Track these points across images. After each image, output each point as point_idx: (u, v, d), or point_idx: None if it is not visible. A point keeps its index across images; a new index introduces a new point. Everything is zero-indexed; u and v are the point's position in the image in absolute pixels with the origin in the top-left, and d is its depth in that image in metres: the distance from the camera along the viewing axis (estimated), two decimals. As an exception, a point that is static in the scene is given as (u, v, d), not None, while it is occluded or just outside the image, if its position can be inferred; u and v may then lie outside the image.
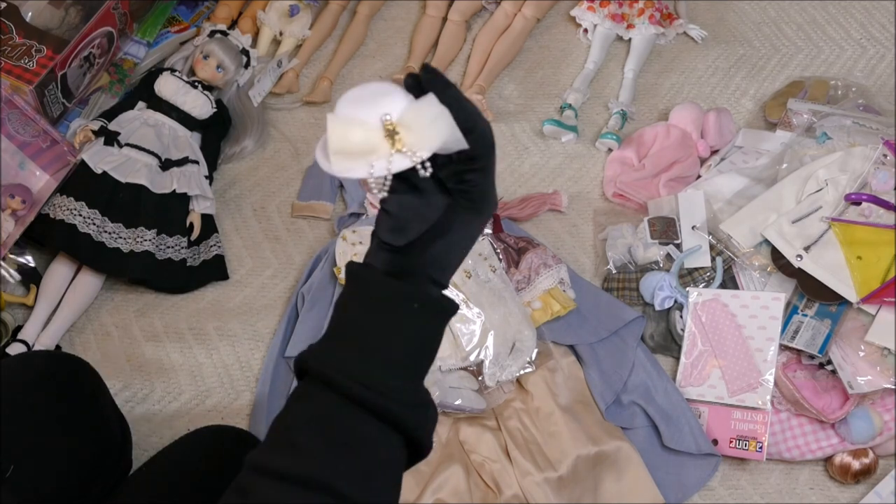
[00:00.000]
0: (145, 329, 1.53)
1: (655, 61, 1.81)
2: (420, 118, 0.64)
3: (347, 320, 0.69)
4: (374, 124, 0.64)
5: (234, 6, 1.85)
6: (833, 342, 1.32)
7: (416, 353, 0.70)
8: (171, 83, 1.63)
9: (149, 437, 1.41)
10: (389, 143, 0.64)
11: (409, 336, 0.68)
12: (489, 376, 1.36)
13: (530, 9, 1.82)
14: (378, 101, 0.65)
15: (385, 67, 1.83)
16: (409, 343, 0.69)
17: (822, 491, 1.35)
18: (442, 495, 1.29)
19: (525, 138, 1.72)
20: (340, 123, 0.64)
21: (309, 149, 1.73)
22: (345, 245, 1.48)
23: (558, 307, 1.43)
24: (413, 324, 0.68)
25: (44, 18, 1.56)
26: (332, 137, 0.64)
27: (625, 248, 1.52)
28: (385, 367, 0.67)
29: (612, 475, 1.31)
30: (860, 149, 1.45)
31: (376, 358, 0.67)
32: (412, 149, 0.64)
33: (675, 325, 1.44)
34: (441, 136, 0.64)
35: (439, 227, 0.68)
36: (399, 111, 0.65)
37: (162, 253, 1.53)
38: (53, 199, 1.49)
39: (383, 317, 0.68)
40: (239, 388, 1.47)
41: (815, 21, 1.86)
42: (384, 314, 0.68)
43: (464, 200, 0.69)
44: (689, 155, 1.61)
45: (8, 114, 1.45)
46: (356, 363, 0.67)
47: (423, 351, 0.70)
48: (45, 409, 1.02)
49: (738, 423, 1.34)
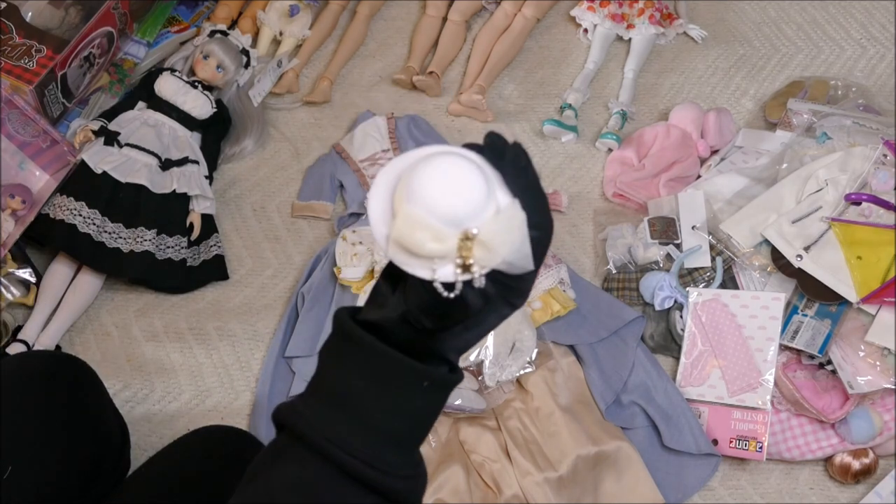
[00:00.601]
0: (145, 329, 1.53)
1: (655, 61, 1.81)
2: (498, 235, 0.58)
3: (348, 389, 0.64)
4: (451, 239, 0.57)
5: (234, 6, 1.85)
6: (833, 342, 1.32)
7: (418, 428, 0.67)
8: (171, 83, 1.63)
9: (148, 437, 1.41)
10: (458, 249, 0.58)
11: (415, 413, 0.65)
12: (489, 376, 1.36)
13: (530, 9, 1.82)
14: (460, 202, 0.57)
15: (385, 67, 1.83)
16: (414, 419, 0.65)
17: (822, 491, 1.35)
18: (442, 495, 1.29)
19: (525, 138, 1.72)
20: (414, 224, 0.57)
21: (309, 149, 1.73)
22: (345, 245, 1.48)
23: (558, 307, 1.43)
24: (421, 402, 0.65)
25: (44, 18, 1.56)
26: (402, 231, 0.57)
27: (625, 248, 1.52)
28: (387, 444, 0.64)
29: (612, 475, 1.31)
30: (860, 149, 1.45)
31: (379, 435, 0.64)
32: (480, 263, 0.58)
33: (675, 325, 1.44)
34: (511, 257, 0.58)
35: (474, 318, 0.63)
36: (480, 223, 0.58)
37: (162, 253, 1.53)
38: (53, 199, 1.49)
39: (391, 393, 0.64)
40: (239, 388, 1.47)
41: (815, 21, 1.86)
42: (393, 391, 0.64)
43: (506, 297, 0.63)
44: (689, 155, 1.61)
45: (8, 114, 1.45)
46: (358, 438, 0.63)
47: (424, 425, 0.67)
48: (43, 410, 1.01)
49: (738, 423, 1.34)
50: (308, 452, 0.64)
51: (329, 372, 0.66)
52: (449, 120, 1.75)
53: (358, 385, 0.64)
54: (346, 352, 0.65)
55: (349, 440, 0.63)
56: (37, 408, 1.01)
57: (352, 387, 0.64)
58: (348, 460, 0.63)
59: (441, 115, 1.76)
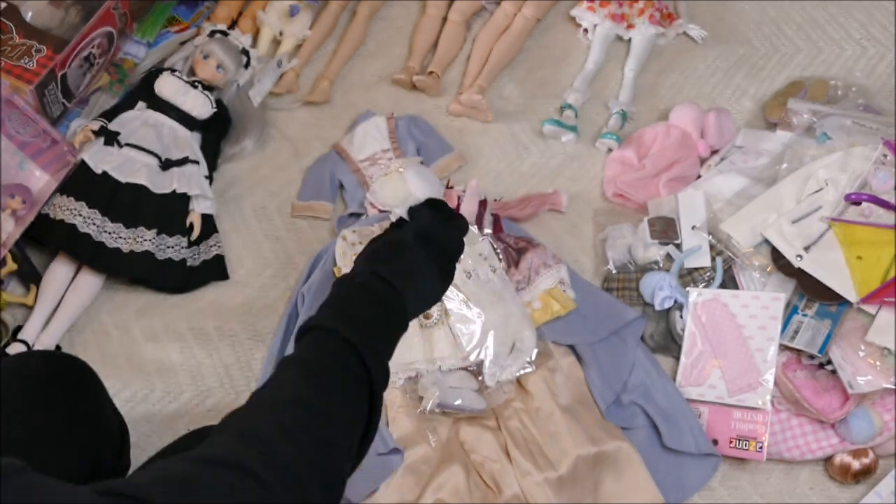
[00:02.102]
0: (145, 329, 1.53)
1: (655, 61, 1.81)
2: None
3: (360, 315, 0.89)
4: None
5: (234, 6, 1.85)
6: (833, 342, 1.32)
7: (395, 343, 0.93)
8: (171, 83, 1.63)
9: (148, 437, 1.41)
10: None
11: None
12: (489, 376, 1.36)
13: (530, 9, 1.82)
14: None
15: (385, 67, 1.83)
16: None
17: (822, 491, 1.35)
18: (442, 495, 1.29)
19: (525, 138, 1.72)
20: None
21: (309, 149, 1.73)
22: (344, 245, 1.48)
23: (558, 307, 1.43)
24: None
25: (44, 18, 1.56)
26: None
27: (625, 248, 1.52)
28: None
29: (612, 475, 1.31)
30: (860, 149, 1.45)
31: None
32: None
33: (675, 325, 1.44)
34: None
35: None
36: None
37: (162, 253, 1.53)
38: (53, 199, 1.49)
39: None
40: (239, 388, 1.47)
41: (815, 21, 1.86)
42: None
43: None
44: (689, 155, 1.61)
45: (8, 114, 1.45)
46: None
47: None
48: (43, 409, 1.01)
49: (738, 423, 1.34)
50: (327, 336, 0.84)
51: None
52: (449, 120, 1.75)
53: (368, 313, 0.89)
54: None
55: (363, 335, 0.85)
56: (36, 408, 1.01)
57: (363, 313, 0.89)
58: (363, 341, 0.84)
59: (441, 115, 1.76)
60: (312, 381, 0.79)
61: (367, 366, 0.82)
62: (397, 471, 1.29)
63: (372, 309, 0.89)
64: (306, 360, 0.82)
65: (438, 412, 1.35)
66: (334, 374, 0.81)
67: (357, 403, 0.81)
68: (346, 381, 0.81)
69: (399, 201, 1.54)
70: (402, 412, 1.35)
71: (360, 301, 0.90)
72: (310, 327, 0.86)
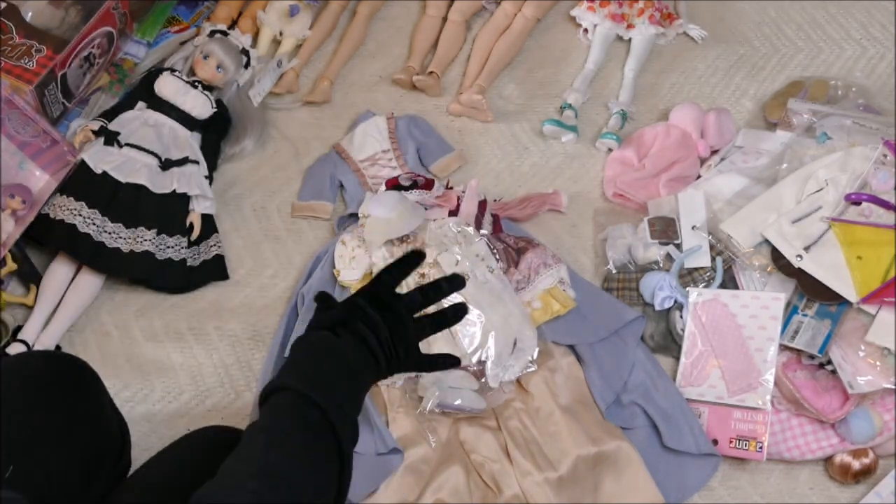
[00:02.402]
0: (145, 329, 1.53)
1: (655, 61, 1.81)
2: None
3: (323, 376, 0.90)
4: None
5: (234, 6, 1.85)
6: (833, 342, 1.32)
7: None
8: (171, 83, 1.63)
9: (148, 437, 1.41)
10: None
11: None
12: (492, 377, 1.36)
13: (530, 9, 1.82)
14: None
15: (385, 67, 1.83)
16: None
17: (822, 491, 1.35)
18: (442, 495, 1.29)
19: (525, 138, 1.72)
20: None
21: (309, 149, 1.73)
22: (343, 248, 1.49)
23: (558, 307, 1.43)
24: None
25: (44, 18, 1.56)
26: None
27: (625, 248, 1.52)
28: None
29: (612, 475, 1.31)
30: (860, 149, 1.45)
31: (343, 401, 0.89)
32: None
33: (675, 325, 1.44)
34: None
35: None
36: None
37: (162, 253, 1.53)
38: (53, 199, 1.49)
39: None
40: (239, 388, 1.47)
41: (815, 21, 1.86)
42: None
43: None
44: (689, 155, 1.61)
45: (8, 114, 1.45)
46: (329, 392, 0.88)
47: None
48: (43, 409, 1.01)
49: (738, 423, 1.34)
50: (288, 399, 0.85)
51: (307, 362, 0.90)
52: (449, 120, 1.75)
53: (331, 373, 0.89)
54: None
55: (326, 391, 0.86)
56: (36, 408, 1.01)
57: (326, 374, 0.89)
58: (325, 401, 0.84)
59: (441, 115, 1.76)
60: (278, 448, 0.81)
61: (332, 424, 0.84)
62: (397, 471, 1.29)
63: (332, 368, 0.90)
64: (270, 428, 0.84)
65: (438, 412, 1.35)
66: (299, 440, 0.83)
67: (327, 465, 0.83)
68: (313, 445, 0.83)
69: (380, 242, 1.48)
70: (402, 412, 1.35)
71: (319, 363, 0.90)
72: (272, 390, 0.87)
